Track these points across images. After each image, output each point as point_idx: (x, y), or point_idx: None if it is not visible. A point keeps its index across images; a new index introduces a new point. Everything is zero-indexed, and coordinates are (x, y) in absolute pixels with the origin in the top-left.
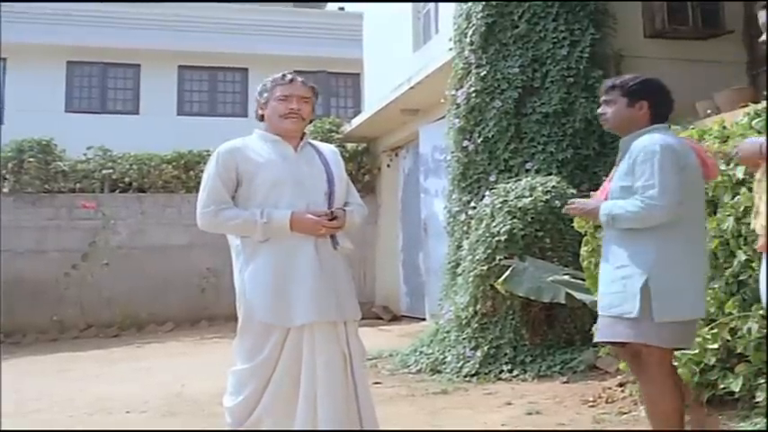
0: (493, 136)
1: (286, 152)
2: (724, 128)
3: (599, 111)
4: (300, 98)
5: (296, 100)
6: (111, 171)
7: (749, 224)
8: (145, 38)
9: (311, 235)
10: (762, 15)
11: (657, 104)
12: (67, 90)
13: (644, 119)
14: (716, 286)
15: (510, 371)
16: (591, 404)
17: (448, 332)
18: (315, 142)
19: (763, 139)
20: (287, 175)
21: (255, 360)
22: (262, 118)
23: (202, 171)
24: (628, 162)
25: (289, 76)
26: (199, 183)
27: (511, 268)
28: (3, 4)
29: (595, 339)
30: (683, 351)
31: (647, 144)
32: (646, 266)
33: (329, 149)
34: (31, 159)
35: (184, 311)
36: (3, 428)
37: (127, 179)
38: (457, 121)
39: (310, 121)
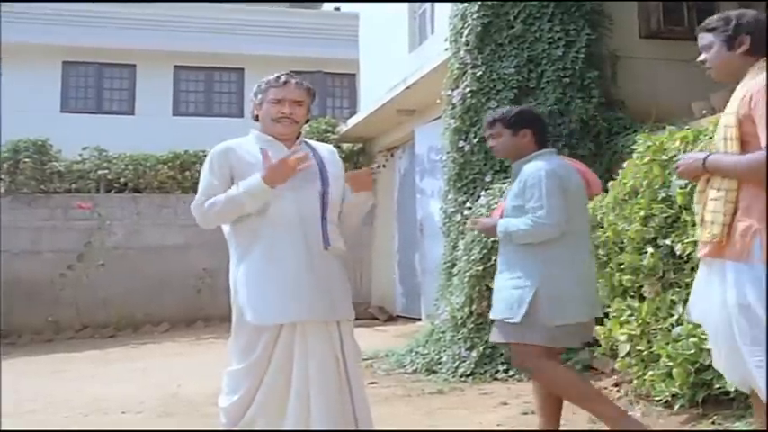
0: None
1: (279, 152)
2: None
3: (489, 144)
4: (293, 102)
5: (288, 104)
6: (106, 171)
7: None
8: (140, 38)
9: (292, 174)
10: (702, 38)
11: (539, 131)
12: (63, 90)
13: (530, 145)
14: None
15: (506, 371)
16: None
17: (444, 332)
18: (312, 142)
19: (703, 154)
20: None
21: (249, 360)
22: (257, 118)
23: (198, 172)
24: (519, 185)
25: (283, 78)
26: (195, 183)
27: None
28: (2, 4)
29: (490, 340)
30: (679, 352)
31: (533, 171)
32: (535, 278)
33: (326, 149)
34: (27, 160)
35: (180, 312)
36: (2, 428)
37: (122, 179)
38: (453, 121)
39: (306, 122)
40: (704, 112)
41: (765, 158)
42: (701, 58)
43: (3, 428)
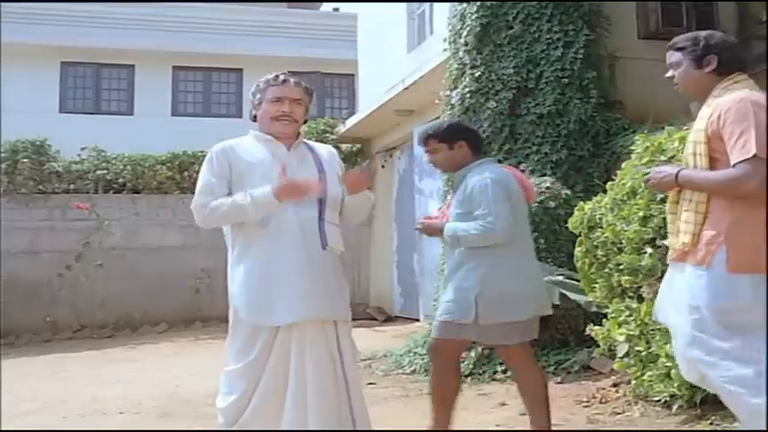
0: (487, 137)
1: (278, 151)
2: None
3: (428, 160)
4: (293, 101)
5: (288, 102)
6: (105, 172)
7: None
8: (139, 38)
9: (300, 199)
10: (671, 55)
11: (473, 140)
12: (61, 91)
13: (467, 155)
14: None
15: (504, 371)
16: (585, 404)
17: None
18: (311, 143)
19: (675, 168)
20: (278, 175)
21: (246, 360)
22: (255, 118)
23: (197, 172)
24: (463, 194)
25: (281, 77)
26: (193, 183)
27: None
28: (2, 4)
29: (431, 336)
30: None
31: (479, 179)
32: (478, 279)
33: (326, 150)
34: (25, 160)
35: (178, 312)
36: (2, 428)
37: (121, 180)
38: None
39: (305, 122)
40: None
41: (735, 176)
42: (669, 74)
43: (2, 428)
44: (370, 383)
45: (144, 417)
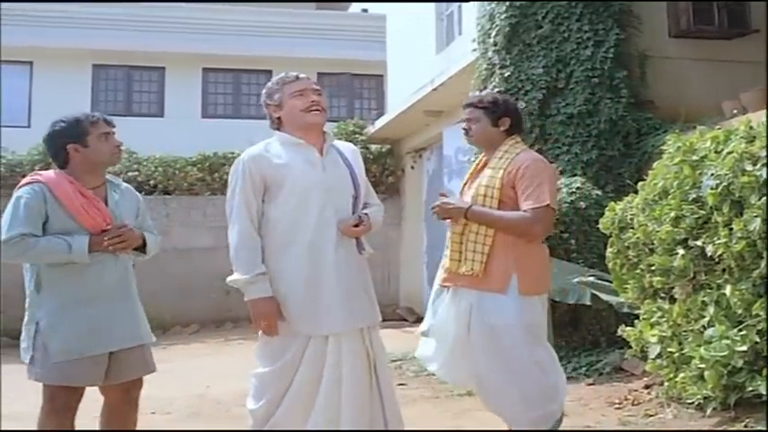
0: None
1: (311, 156)
2: (751, 128)
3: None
4: (314, 91)
5: (312, 92)
6: (136, 173)
7: None
8: (169, 41)
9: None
10: (472, 111)
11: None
12: (93, 93)
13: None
14: (743, 287)
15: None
16: (617, 406)
17: None
18: (336, 142)
19: (466, 204)
20: (315, 181)
21: (277, 364)
22: (278, 122)
23: (227, 173)
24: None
25: (293, 74)
26: (224, 185)
27: None
28: (14, 5)
29: None
30: (711, 354)
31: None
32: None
33: (349, 149)
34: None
35: (209, 313)
36: (6, 429)
37: (152, 181)
38: None
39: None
40: (735, 111)
41: (528, 218)
42: (465, 126)
43: (14, 429)
44: (401, 384)
45: (175, 417)
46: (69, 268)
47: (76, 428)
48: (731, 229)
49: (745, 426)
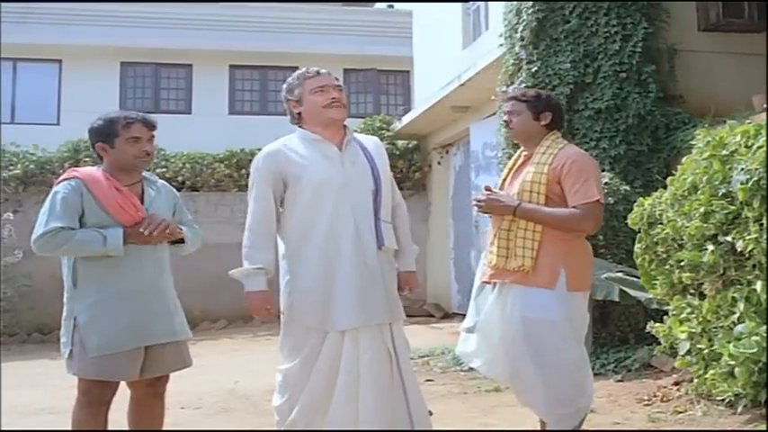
0: None
1: (329, 152)
2: None
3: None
4: (335, 87)
5: (332, 88)
6: (164, 170)
7: None
8: (196, 38)
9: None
10: (514, 104)
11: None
12: (121, 90)
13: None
14: None
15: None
16: (646, 403)
17: None
18: (358, 136)
19: (514, 201)
20: (331, 177)
21: (296, 359)
22: (298, 118)
23: None
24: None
25: (313, 70)
26: None
27: None
28: (16, 5)
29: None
30: (741, 351)
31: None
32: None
33: (373, 143)
34: (87, 159)
35: (237, 309)
36: (11, 428)
37: (180, 178)
38: None
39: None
40: (765, 105)
41: (579, 214)
42: (505, 118)
43: (14, 429)
44: (428, 380)
45: (204, 412)
46: (106, 263)
47: (109, 422)
48: (762, 224)
49: None
